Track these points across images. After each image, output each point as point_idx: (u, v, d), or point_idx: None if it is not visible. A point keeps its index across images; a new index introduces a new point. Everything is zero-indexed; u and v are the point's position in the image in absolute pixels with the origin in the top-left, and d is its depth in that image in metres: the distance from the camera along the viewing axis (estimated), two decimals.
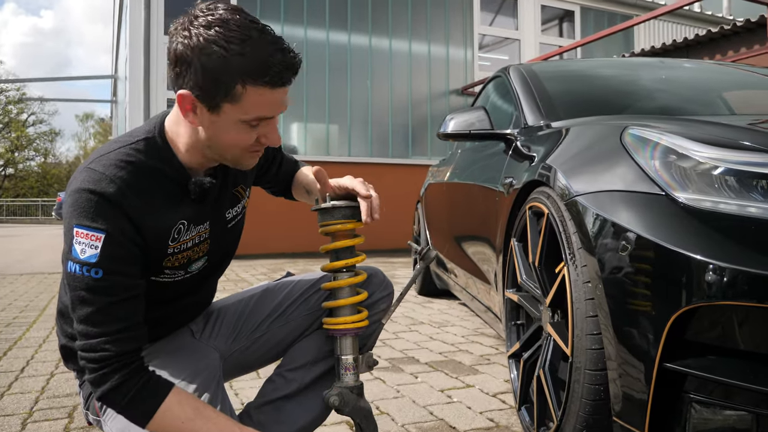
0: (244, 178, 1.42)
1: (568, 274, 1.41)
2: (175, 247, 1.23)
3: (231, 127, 1.13)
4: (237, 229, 1.44)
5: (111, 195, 1.09)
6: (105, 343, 1.08)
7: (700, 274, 1.08)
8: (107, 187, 1.09)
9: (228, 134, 1.14)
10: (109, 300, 1.08)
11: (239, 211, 1.42)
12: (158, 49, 7.60)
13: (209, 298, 1.52)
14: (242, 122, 1.12)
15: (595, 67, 3.00)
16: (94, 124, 54.19)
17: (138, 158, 1.15)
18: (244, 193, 1.43)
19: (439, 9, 9.47)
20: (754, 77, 2.92)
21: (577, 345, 1.36)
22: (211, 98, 1.09)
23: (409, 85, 9.23)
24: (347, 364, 1.38)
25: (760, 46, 5.98)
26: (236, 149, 1.18)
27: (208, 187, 1.24)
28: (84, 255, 1.07)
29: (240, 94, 1.08)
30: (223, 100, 1.09)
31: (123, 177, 1.11)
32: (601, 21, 10.65)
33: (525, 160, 2.04)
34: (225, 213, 1.36)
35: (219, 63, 1.05)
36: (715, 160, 1.23)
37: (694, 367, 1.13)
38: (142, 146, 1.18)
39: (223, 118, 1.11)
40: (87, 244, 1.07)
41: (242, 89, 1.07)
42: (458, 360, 2.73)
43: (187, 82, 1.08)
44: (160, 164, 1.18)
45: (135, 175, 1.13)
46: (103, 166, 1.12)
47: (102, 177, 1.10)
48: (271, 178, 1.61)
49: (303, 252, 8.18)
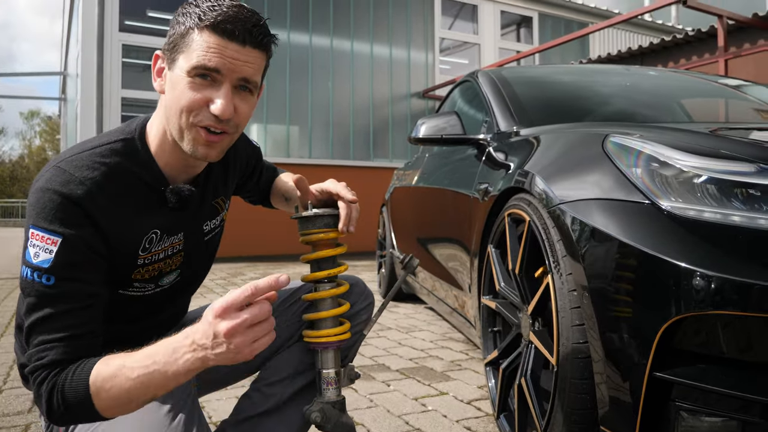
0: (224, 189, 1.36)
1: (552, 282, 1.40)
2: (145, 258, 1.16)
3: (181, 81, 1.05)
4: (213, 243, 1.38)
5: (77, 198, 1.01)
6: (41, 351, 0.98)
7: (691, 284, 1.08)
8: (74, 189, 1.02)
9: (177, 90, 1.06)
10: (59, 309, 0.99)
11: (218, 224, 1.36)
12: (112, 46, 7.36)
13: (181, 315, 1.45)
14: (187, 74, 1.04)
15: (564, 73, 3.03)
16: (41, 122, 52.29)
17: (113, 160, 1.08)
18: (223, 205, 1.37)
19: (400, 12, 9.48)
20: (711, 85, 3.00)
21: (563, 354, 1.35)
22: (171, 51, 1.08)
23: (371, 88, 9.21)
24: (329, 379, 1.33)
25: (710, 55, 6.18)
26: (183, 115, 1.06)
27: (187, 195, 1.17)
28: (37, 259, 0.99)
29: (191, 40, 1.05)
30: (178, 51, 1.06)
31: (94, 179, 1.04)
32: (558, 27, 10.84)
33: (501, 166, 2.03)
34: (202, 225, 1.29)
35: (186, 16, 1.06)
36: (697, 169, 1.24)
37: (682, 375, 1.13)
38: (120, 147, 1.10)
39: (176, 73, 1.07)
40: (41, 247, 0.99)
41: (193, 33, 1.05)
42: (429, 366, 2.71)
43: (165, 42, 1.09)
44: (136, 168, 1.11)
45: (107, 178, 1.06)
46: (74, 167, 1.05)
47: (70, 178, 1.03)
48: (252, 188, 1.55)
49: (263, 255, 8.05)
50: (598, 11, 11.05)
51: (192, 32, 1.05)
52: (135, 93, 7.43)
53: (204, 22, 1.04)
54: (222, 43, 1.04)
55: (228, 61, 1.04)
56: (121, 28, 7.48)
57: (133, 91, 7.44)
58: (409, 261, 1.46)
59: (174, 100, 1.07)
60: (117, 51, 7.40)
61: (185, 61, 1.05)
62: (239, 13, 1.06)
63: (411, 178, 3.75)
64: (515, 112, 2.36)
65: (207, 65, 1.04)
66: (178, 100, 1.06)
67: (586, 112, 2.41)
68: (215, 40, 1.04)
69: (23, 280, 1.01)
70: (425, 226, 3.25)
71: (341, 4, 9.02)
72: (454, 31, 10.19)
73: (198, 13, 1.04)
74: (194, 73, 1.04)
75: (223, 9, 1.05)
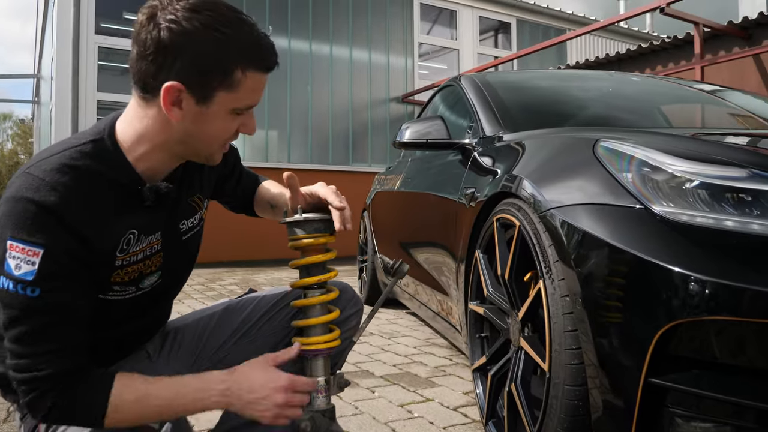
0: (200, 188, 1.32)
1: (544, 287, 1.39)
2: (123, 259, 1.12)
3: (219, 117, 1.06)
4: (193, 243, 1.34)
5: (52, 205, 0.98)
6: (37, 364, 0.98)
7: (687, 289, 1.07)
8: (47, 196, 0.98)
9: (213, 126, 1.06)
10: (46, 320, 0.98)
11: (196, 222, 1.32)
12: (88, 48, 7.24)
13: (164, 319, 1.41)
14: (232, 111, 1.06)
15: (548, 78, 3.04)
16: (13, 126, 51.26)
17: (84, 162, 1.04)
18: (201, 204, 1.33)
19: (379, 16, 9.48)
20: (690, 91, 3.04)
21: (555, 360, 1.34)
22: (203, 87, 1.01)
23: (350, 92, 9.19)
24: (319, 387, 1.30)
25: (686, 62, 6.28)
26: (216, 143, 1.10)
27: (165, 192, 1.14)
28: (19, 271, 0.96)
29: (238, 81, 1.02)
30: (217, 89, 1.01)
31: (66, 183, 1.00)
32: (536, 33, 10.94)
33: (487, 171, 2.03)
34: (179, 224, 1.26)
35: (217, 48, 0.99)
36: (689, 174, 1.24)
37: (677, 381, 1.12)
38: (90, 149, 1.06)
39: (213, 109, 1.04)
40: (23, 259, 0.96)
41: (241, 75, 1.02)
42: (413, 372, 2.69)
43: (176, 72, 0.99)
44: (108, 169, 1.07)
45: (79, 181, 1.02)
46: (44, 171, 1.00)
47: (42, 184, 0.99)
48: (230, 192, 1.51)
49: (242, 261, 7.97)
50: (575, 18, 11.18)
51: (236, 71, 1.01)
52: (111, 96, 7.31)
53: (254, 63, 1.03)
54: (265, 78, 1.07)
55: (263, 90, 1.09)
56: (97, 31, 7.37)
57: (109, 95, 7.32)
58: (398, 267, 1.43)
59: (204, 132, 1.07)
60: (93, 53, 7.28)
61: (231, 101, 1.04)
62: (268, 42, 1.05)
63: (393, 183, 3.73)
64: (501, 116, 2.36)
65: (255, 103, 1.07)
66: (216, 132, 1.07)
67: (570, 116, 2.42)
68: (261, 78, 1.06)
69: (3, 292, 0.98)
70: (408, 231, 3.23)
71: (320, 9, 8.99)
72: (433, 36, 10.22)
73: (241, 49, 1.01)
74: (241, 111, 1.07)
75: (261, 42, 1.04)
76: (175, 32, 0.97)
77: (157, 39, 0.98)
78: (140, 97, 1.06)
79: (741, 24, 5.63)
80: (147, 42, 0.99)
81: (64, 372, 1.00)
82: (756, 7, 9.54)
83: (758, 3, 10.09)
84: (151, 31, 0.98)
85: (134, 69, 1.03)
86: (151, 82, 1.01)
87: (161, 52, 0.98)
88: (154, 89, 1.02)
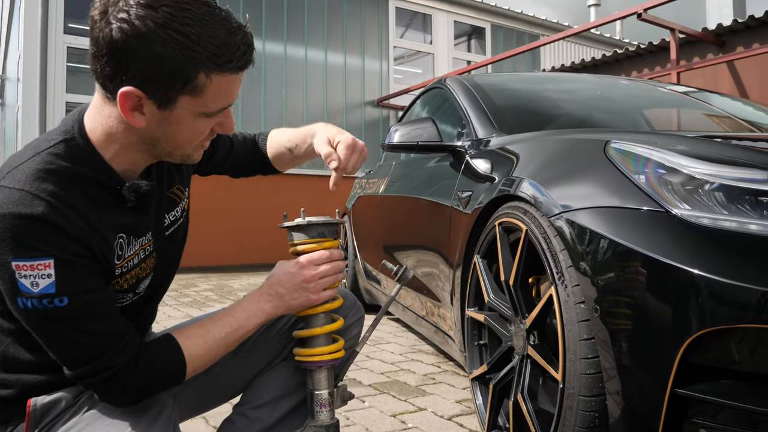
0: (180, 178, 1.23)
1: (556, 294, 1.34)
2: (121, 267, 1.04)
3: (187, 121, 0.96)
4: (178, 237, 1.25)
5: (40, 215, 0.89)
6: (107, 361, 0.96)
7: (718, 296, 1.03)
8: (33, 207, 0.89)
9: (182, 129, 0.97)
10: (89, 320, 0.94)
11: (179, 215, 1.24)
12: (56, 48, 7.03)
13: (149, 323, 1.32)
14: (201, 114, 0.96)
15: (535, 80, 3.01)
16: None
17: (59, 165, 0.95)
18: (182, 195, 1.24)
19: (355, 20, 9.43)
20: (677, 95, 3.04)
21: (570, 369, 1.28)
22: (164, 93, 0.91)
23: (325, 96, 9.10)
24: (322, 400, 1.23)
25: (661, 68, 6.36)
26: (189, 146, 1.01)
27: (147, 190, 1.05)
28: (38, 288, 0.88)
29: (202, 85, 0.92)
30: (179, 93, 0.91)
31: (48, 190, 0.91)
32: (510, 39, 11.00)
33: (485, 173, 1.97)
34: (163, 220, 1.17)
35: (176, 51, 0.87)
36: (708, 176, 1.20)
37: (702, 391, 1.08)
38: (62, 150, 0.96)
39: (177, 114, 0.94)
40: (36, 275, 0.88)
41: (205, 78, 0.91)
42: (402, 380, 2.62)
43: (132, 77, 0.88)
44: (85, 169, 0.97)
45: (61, 186, 0.93)
46: (20, 182, 0.91)
47: (22, 195, 0.89)
48: (221, 163, 1.43)
49: (215, 266, 7.81)
50: (548, 24, 11.28)
51: (199, 75, 0.90)
52: (81, 98, 7.10)
53: (220, 66, 0.91)
54: (237, 78, 0.97)
55: (238, 89, 0.99)
56: (66, 31, 7.16)
57: (78, 96, 7.11)
58: (403, 273, 1.37)
59: (175, 133, 0.98)
60: (62, 54, 7.07)
61: (197, 105, 0.94)
62: (242, 39, 0.94)
63: (377, 187, 3.67)
64: (494, 118, 2.31)
65: (228, 105, 0.99)
66: (187, 136, 0.99)
67: (563, 118, 2.39)
68: (231, 78, 0.95)
69: (29, 312, 0.91)
70: (393, 236, 3.17)
71: (295, 11, 8.89)
72: (409, 40, 10.20)
73: (205, 51, 0.89)
74: (212, 114, 0.98)
75: (230, 41, 0.91)
76: (127, 33, 0.85)
77: (109, 39, 0.87)
78: (103, 95, 0.96)
79: (715, 31, 5.72)
80: (100, 42, 0.88)
81: (135, 354, 0.99)
82: (723, 17, 9.76)
83: (725, 12, 10.33)
84: (103, 29, 0.87)
85: (92, 67, 0.93)
86: (108, 84, 0.92)
87: (114, 54, 0.87)
88: (113, 92, 0.92)
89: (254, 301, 1.16)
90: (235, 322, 1.12)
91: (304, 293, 1.17)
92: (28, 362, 1.02)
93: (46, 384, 1.04)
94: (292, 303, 1.17)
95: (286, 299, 1.17)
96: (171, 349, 1.05)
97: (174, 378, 1.05)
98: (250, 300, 1.16)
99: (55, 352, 0.95)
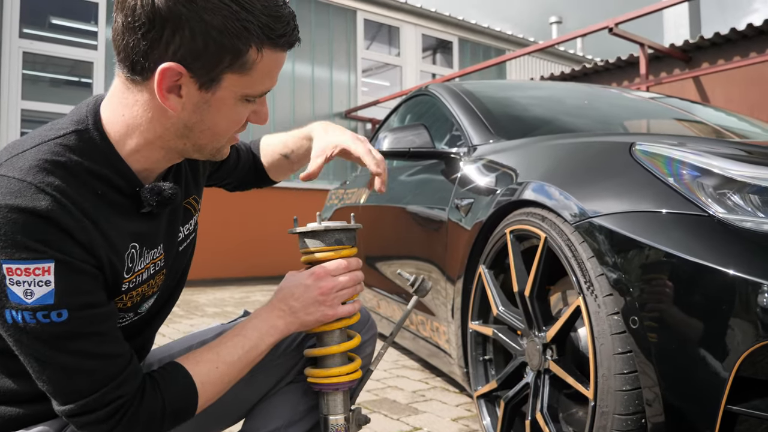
0: (196, 188, 1.11)
1: (584, 304, 1.25)
2: (130, 281, 0.91)
3: (228, 105, 0.85)
4: (188, 253, 1.13)
5: (44, 210, 0.75)
6: (109, 393, 0.81)
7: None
8: (36, 200, 0.76)
9: (222, 116, 0.86)
10: (89, 343, 0.79)
11: (192, 229, 1.12)
12: (11, 54, 6.71)
13: (149, 347, 1.18)
14: (242, 98, 0.85)
15: (525, 88, 2.97)
16: None
17: (69, 158, 0.82)
18: (196, 206, 1.12)
19: (323, 31, 9.35)
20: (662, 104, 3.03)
21: (602, 386, 1.20)
22: (209, 70, 0.80)
23: (292, 106, 8.97)
24: (337, 426, 1.11)
25: (629, 82, 6.45)
26: (224, 137, 0.90)
27: (170, 195, 0.92)
28: (33, 298, 0.74)
29: (252, 62, 0.81)
30: (226, 71, 0.81)
31: (53, 184, 0.78)
32: (477, 53, 11.07)
33: (487, 180, 1.89)
34: (177, 233, 1.05)
35: (228, 20, 0.77)
36: (749, 178, 1.14)
37: (759, 408, 1.00)
38: (73, 141, 0.84)
39: (219, 96, 0.83)
40: (31, 282, 0.74)
41: (256, 54, 0.81)
42: (391, 398, 2.50)
43: (174, 51, 0.77)
44: (98, 166, 0.85)
45: (69, 182, 0.80)
46: (22, 171, 0.78)
47: (24, 186, 0.76)
48: (227, 175, 1.31)
49: (210, 279, 7.47)
50: (515, 39, 11.40)
51: (251, 49, 0.81)
52: (37, 105, 6.79)
53: (272, 39, 0.82)
54: (283, 58, 0.87)
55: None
56: (21, 35, 6.86)
57: (34, 103, 6.80)
58: (421, 284, 1.26)
59: (209, 124, 0.86)
60: (17, 59, 6.76)
61: (242, 86, 0.84)
62: (289, 12, 0.84)
63: (357, 197, 3.56)
64: (489, 124, 2.23)
65: (271, 87, 0.87)
66: (222, 125, 0.87)
67: (560, 123, 2.33)
68: (279, 56, 0.85)
69: (16, 328, 0.76)
70: (380, 247, 3.06)
71: None
72: (377, 52, 10.16)
73: (257, 25, 0.79)
74: (254, 98, 0.87)
75: (281, 12, 0.82)
76: (175, 0, 0.75)
77: (151, 7, 0.75)
78: (127, 79, 0.83)
79: (682, 47, 5.82)
80: (137, 10, 0.76)
81: (141, 384, 0.86)
82: (679, 37, 10.02)
83: (681, 33, 10.61)
84: None
85: (119, 43, 0.80)
86: (141, 61, 0.79)
87: (157, 24, 0.76)
88: (146, 71, 0.80)
89: (265, 318, 1.04)
90: (247, 343, 1.00)
91: (320, 307, 1.05)
92: (9, 391, 0.88)
93: (25, 417, 0.90)
94: (306, 319, 1.05)
95: (300, 315, 1.05)
96: (180, 376, 0.91)
97: (185, 411, 0.92)
98: (260, 317, 1.04)
99: (45, 380, 0.79)
